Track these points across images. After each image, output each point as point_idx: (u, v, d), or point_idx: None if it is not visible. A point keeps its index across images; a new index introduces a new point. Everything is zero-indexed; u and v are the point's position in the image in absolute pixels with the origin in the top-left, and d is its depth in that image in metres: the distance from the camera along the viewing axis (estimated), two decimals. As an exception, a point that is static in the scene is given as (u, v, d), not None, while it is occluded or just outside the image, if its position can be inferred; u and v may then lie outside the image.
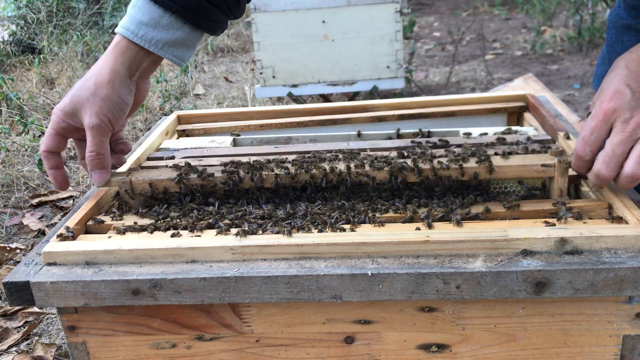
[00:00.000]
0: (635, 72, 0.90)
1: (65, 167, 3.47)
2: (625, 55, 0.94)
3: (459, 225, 0.90)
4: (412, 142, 1.20)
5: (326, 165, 1.03)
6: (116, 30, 1.01)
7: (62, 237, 0.93)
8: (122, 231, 0.95)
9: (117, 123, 1.02)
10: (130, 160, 1.17)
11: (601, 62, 1.45)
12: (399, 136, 1.34)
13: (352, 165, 1.03)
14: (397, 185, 1.01)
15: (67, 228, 0.95)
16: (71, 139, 1.05)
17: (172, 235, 0.92)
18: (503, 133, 1.30)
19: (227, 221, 0.97)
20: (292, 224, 0.94)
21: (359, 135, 1.37)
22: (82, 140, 1.04)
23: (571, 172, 1.01)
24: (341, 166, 1.03)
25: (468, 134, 1.32)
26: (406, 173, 1.01)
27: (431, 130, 1.37)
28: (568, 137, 1.17)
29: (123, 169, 1.12)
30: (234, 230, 0.92)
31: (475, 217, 0.94)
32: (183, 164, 1.11)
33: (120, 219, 1.00)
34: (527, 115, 1.44)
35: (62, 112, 1.00)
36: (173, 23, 1.00)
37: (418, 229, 0.90)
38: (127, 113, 1.03)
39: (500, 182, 1.09)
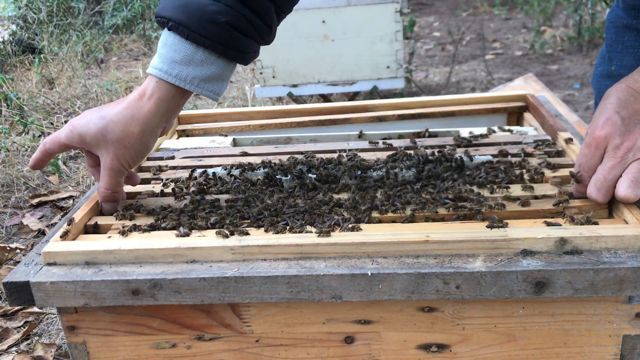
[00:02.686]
0: (624, 100, 0.93)
1: (65, 166, 3.44)
2: (616, 85, 0.97)
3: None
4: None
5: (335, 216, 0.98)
6: (148, 71, 0.98)
7: (64, 233, 0.93)
8: (122, 231, 0.95)
9: (135, 166, 1.02)
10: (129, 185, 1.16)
11: (600, 61, 1.45)
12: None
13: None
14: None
15: (72, 220, 0.95)
16: None
17: (179, 235, 0.92)
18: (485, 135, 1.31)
19: (227, 221, 0.97)
20: (291, 224, 0.94)
21: (360, 135, 1.38)
22: (91, 152, 1.02)
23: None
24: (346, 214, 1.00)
25: (475, 136, 1.32)
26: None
27: (432, 130, 1.37)
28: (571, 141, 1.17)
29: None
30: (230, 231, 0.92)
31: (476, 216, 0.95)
32: (192, 191, 1.11)
33: (120, 219, 1.00)
34: (527, 115, 1.44)
35: (79, 138, 0.98)
36: (207, 58, 0.96)
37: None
38: (147, 155, 1.02)
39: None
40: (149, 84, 0.98)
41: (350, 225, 0.92)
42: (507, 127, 1.35)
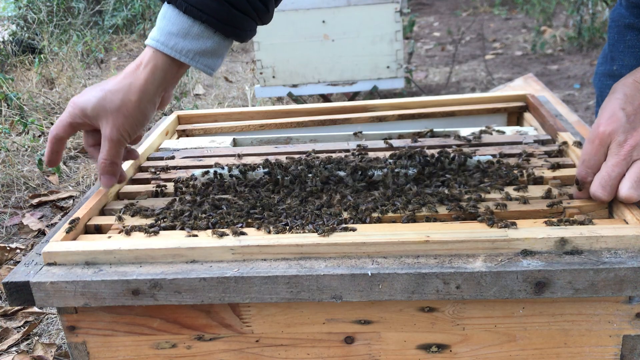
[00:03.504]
0: (630, 96, 0.92)
1: (65, 166, 3.44)
2: (623, 79, 0.96)
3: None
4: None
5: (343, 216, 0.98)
6: (146, 42, 1.01)
7: (69, 229, 0.94)
8: (122, 231, 0.95)
9: (134, 135, 1.03)
10: (130, 160, 1.17)
11: (602, 61, 1.45)
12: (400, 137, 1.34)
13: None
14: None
15: (77, 219, 0.96)
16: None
17: (187, 235, 0.92)
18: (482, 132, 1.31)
19: (228, 221, 0.97)
20: (291, 224, 0.94)
21: (356, 134, 1.37)
22: (92, 131, 1.04)
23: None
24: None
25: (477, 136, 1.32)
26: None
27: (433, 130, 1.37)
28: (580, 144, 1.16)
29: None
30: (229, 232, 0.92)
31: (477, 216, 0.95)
32: (193, 193, 1.10)
33: (120, 220, 1.00)
34: (527, 115, 1.44)
35: (81, 112, 1.00)
36: (203, 32, 0.99)
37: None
38: (146, 125, 1.04)
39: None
40: (145, 54, 1.00)
41: (350, 225, 0.92)
42: (497, 128, 1.35)
